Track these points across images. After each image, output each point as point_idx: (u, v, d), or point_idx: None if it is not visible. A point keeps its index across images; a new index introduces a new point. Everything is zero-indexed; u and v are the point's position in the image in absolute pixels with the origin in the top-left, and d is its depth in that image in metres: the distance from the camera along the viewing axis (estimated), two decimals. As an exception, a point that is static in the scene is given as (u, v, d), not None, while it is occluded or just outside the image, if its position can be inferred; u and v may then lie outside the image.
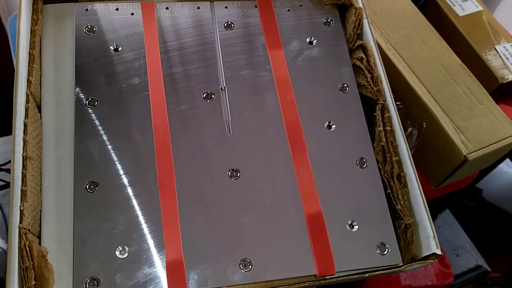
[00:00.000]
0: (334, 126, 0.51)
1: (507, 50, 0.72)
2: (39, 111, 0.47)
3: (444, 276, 0.82)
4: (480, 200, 0.99)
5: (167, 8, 0.54)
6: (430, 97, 0.58)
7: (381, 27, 0.63)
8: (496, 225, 1.13)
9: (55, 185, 0.45)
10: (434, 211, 0.96)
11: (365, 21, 0.55)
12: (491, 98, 0.60)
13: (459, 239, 0.96)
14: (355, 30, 0.55)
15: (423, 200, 0.47)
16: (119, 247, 0.42)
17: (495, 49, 0.71)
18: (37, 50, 0.49)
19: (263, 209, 0.46)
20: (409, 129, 0.58)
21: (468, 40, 0.72)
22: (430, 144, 0.58)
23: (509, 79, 0.68)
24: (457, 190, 0.68)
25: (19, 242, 0.39)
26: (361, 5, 0.56)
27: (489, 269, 0.94)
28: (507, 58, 0.71)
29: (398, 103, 0.59)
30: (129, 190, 0.44)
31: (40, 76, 0.49)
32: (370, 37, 0.55)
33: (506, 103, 0.71)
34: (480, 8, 0.76)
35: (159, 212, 0.44)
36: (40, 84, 0.49)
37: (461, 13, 0.75)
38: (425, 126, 0.58)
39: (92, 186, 0.44)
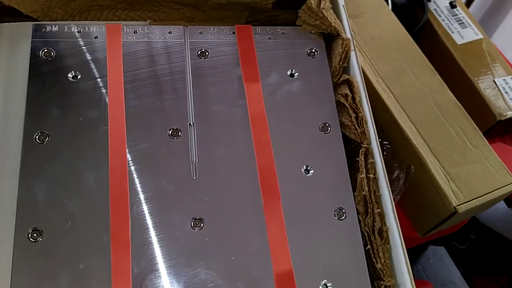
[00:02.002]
0: (312, 170, 0.46)
1: (507, 83, 0.67)
2: (-17, 145, 0.42)
3: (431, 315, 0.78)
4: (474, 224, 0.95)
5: (135, 32, 0.49)
6: (420, 139, 0.53)
7: (371, 57, 0.58)
8: (489, 247, 1.10)
9: (-5, 231, 0.40)
10: (424, 243, 0.91)
11: (352, 54, 0.51)
12: (486, 142, 0.55)
13: (449, 274, 0.91)
14: (341, 63, 0.50)
15: (405, 260, 0.43)
16: (60, 308, 0.37)
17: (494, 82, 0.67)
18: (-13, 75, 0.44)
19: (228, 265, 0.41)
20: (396, 172, 0.54)
21: (465, 71, 0.68)
22: (418, 190, 0.54)
23: (508, 116, 0.64)
24: (446, 235, 0.64)
25: None
26: (349, 36, 0.51)
27: (479, 307, 0.90)
28: (506, 93, 0.66)
29: (385, 142, 0.55)
30: (77, 241, 0.40)
31: (-11, 104, 0.44)
32: (357, 72, 0.50)
33: (503, 140, 0.67)
34: (480, 36, 0.71)
35: (109, 268, 0.39)
36: (-12, 113, 0.44)
37: (459, 41, 0.70)
38: (413, 170, 0.53)
39: (35, 235, 0.39)
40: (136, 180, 0.42)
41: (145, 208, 0.42)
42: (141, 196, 0.42)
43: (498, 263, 1.05)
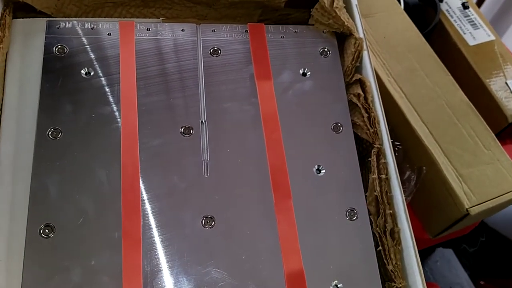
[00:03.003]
0: (323, 170, 0.46)
1: (519, 85, 0.67)
2: (-3, 139, 0.43)
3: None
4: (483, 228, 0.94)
5: (148, 29, 0.49)
6: (432, 139, 0.53)
7: (384, 57, 0.58)
8: (498, 251, 1.09)
9: (7, 226, 0.40)
10: (432, 246, 0.91)
11: (365, 53, 0.50)
12: (498, 143, 0.54)
13: (456, 276, 0.91)
14: (353, 62, 0.50)
15: (417, 261, 0.42)
16: (71, 304, 0.37)
17: (506, 83, 0.66)
18: (1, 71, 0.45)
19: (238, 264, 0.41)
20: (407, 173, 0.53)
21: (478, 73, 0.67)
22: (430, 191, 0.53)
23: (520, 118, 0.63)
24: (456, 237, 0.64)
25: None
26: (361, 36, 0.51)
27: (487, 310, 0.89)
28: (518, 94, 0.65)
29: (397, 143, 0.54)
30: (88, 237, 0.40)
31: (2, 100, 0.44)
32: (369, 71, 0.50)
33: (515, 142, 0.66)
34: (492, 37, 0.71)
35: (120, 265, 0.39)
36: (1, 109, 0.44)
37: (471, 42, 0.70)
38: (425, 171, 0.53)
39: (46, 230, 0.39)
40: (148, 177, 0.42)
41: (156, 205, 0.42)
42: (153, 193, 0.42)
43: (505, 266, 1.05)
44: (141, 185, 0.42)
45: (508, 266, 1.04)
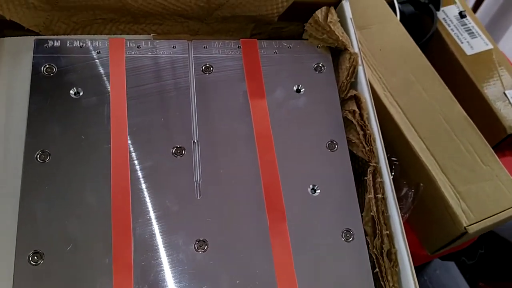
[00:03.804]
0: (319, 190, 0.45)
1: (517, 95, 0.66)
2: (-17, 163, 0.42)
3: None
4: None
5: (138, 47, 0.48)
6: (429, 155, 0.52)
7: (379, 71, 0.57)
8: (498, 256, 1.08)
9: (-5, 253, 0.39)
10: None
11: (360, 68, 0.49)
12: (497, 158, 0.54)
13: (456, 285, 0.90)
14: (348, 78, 0.49)
15: (414, 283, 0.41)
16: (60, 334, 0.36)
17: (505, 94, 0.66)
18: (-12, 91, 0.44)
19: (232, 289, 0.40)
20: (404, 190, 0.52)
21: (475, 83, 0.66)
22: (427, 208, 0.53)
23: (519, 129, 0.63)
24: (455, 251, 0.63)
25: None
26: (356, 51, 0.50)
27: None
28: (517, 105, 0.65)
29: (393, 158, 0.54)
30: (78, 263, 0.39)
31: (-11, 121, 0.44)
32: (365, 87, 0.49)
33: (514, 154, 0.66)
34: (490, 46, 0.70)
35: (110, 292, 0.38)
36: (-11, 131, 0.43)
37: (469, 51, 0.69)
38: (422, 188, 0.52)
39: (35, 257, 0.38)
40: (139, 200, 0.42)
41: (148, 229, 0.41)
42: (144, 217, 0.41)
43: (505, 269, 1.04)
44: (132, 208, 0.41)
45: (507, 268, 1.03)
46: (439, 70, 0.61)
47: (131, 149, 0.43)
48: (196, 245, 0.41)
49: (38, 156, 0.42)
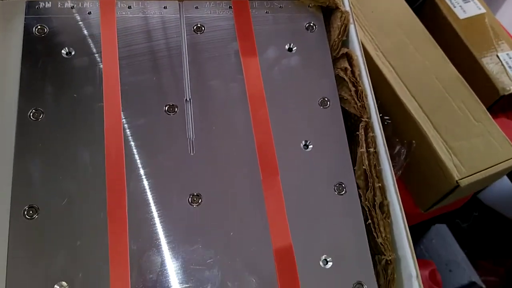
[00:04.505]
0: (311, 146, 0.45)
1: (510, 58, 0.66)
2: (-23, 122, 0.42)
3: (435, 294, 0.77)
4: (477, 204, 0.94)
5: (129, 7, 0.48)
6: (421, 113, 0.52)
7: (372, 32, 0.57)
8: (493, 229, 1.09)
9: (-10, 209, 0.40)
10: (426, 223, 0.91)
11: (351, 27, 0.50)
12: (489, 116, 0.54)
13: (452, 253, 0.91)
14: (340, 36, 0.49)
15: (406, 234, 0.42)
16: (57, 285, 0.37)
17: (497, 56, 0.66)
18: (-20, 53, 0.44)
19: (226, 241, 0.40)
20: (397, 148, 0.53)
21: (468, 46, 0.66)
22: (420, 165, 0.53)
23: (511, 91, 0.63)
24: (449, 212, 0.63)
25: None
26: (347, 9, 0.50)
27: (483, 286, 0.89)
28: (510, 67, 0.65)
29: (386, 117, 0.54)
30: (73, 217, 0.39)
31: (-18, 82, 0.44)
32: (356, 45, 0.49)
33: (507, 115, 0.66)
34: (483, 10, 0.70)
35: (106, 245, 0.38)
36: (-18, 92, 0.43)
37: (462, 15, 0.69)
38: (414, 145, 0.52)
39: (31, 212, 0.39)
40: (133, 157, 0.42)
41: (142, 185, 0.41)
42: (138, 173, 0.41)
43: (502, 245, 1.05)
44: (126, 165, 0.41)
45: (504, 244, 1.04)
46: (432, 34, 0.61)
47: (124, 107, 0.44)
48: (190, 199, 0.41)
49: (31, 114, 0.42)
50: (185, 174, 0.42)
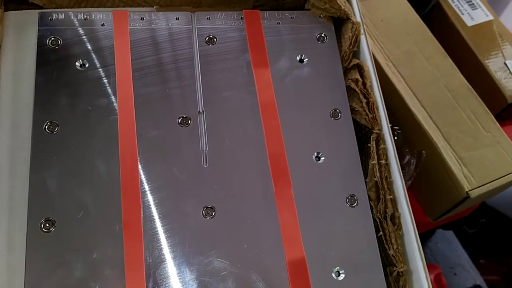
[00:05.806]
0: (323, 158, 0.45)
1: (518, 65, 0.66)
2: (-7, 134, 0.42)
3: (440, 298, 0.78)
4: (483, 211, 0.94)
5: (142, 19, 0.48)
6: (431, 123, 0.52)
7: (381, 41, 0.57)
8: (499, 231, 1.09)
9: (7, 221, 0.40)
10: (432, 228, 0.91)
11: (362, 38, 0.50)
12: (498, 125, 0.54)
13: (457, 257, 0.91)
14: (351, 47, 0.50)
15: (418, 246, 0.42)
16: (75, 297, 0.37)
17: (505, 64, 0.66)
18: (-6, 65, 0.44)
19: (240, 253, 0.41)
20: (407, 157, 0.53)
21: (476, 53, 0.67)
22: (430, 175, 0.53)
23: (519, 99, 0.63)
24: (457, 219, 0.64)
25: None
26: (359, 20, 0.50)
27: (488, 289, 0.90)
28: (518, 75, 0.65)
29: (396, 127, 0.54)
30: (89, 230, 0.40)
31: (-3, 94, 0.44)
32: (367, 56, 0.49)
33: (515, 123, 0.66)
34: (490, 17, 0.70)
35: (122, 257, 0.39)
36: (-3, 104, 0.44)
37: (469, 22, 0.69)
38: (424, 155, 0.52)
39: (47, 225, 0.39)
40: (147, 169, 0.42)
41: (156, 196, 0.41)
42: (152, 185, 0.42)
43: (505, 245, 1.05)
44: (141, 177, 0.42)
45: (508, 245, 1.05)
46: (440, 41, 0.61)
47: (138, 119, 0.44)
48: (204, 212, 0.42)
49: (46, 127, 0.42)
50: (199, 186, 0.43)
